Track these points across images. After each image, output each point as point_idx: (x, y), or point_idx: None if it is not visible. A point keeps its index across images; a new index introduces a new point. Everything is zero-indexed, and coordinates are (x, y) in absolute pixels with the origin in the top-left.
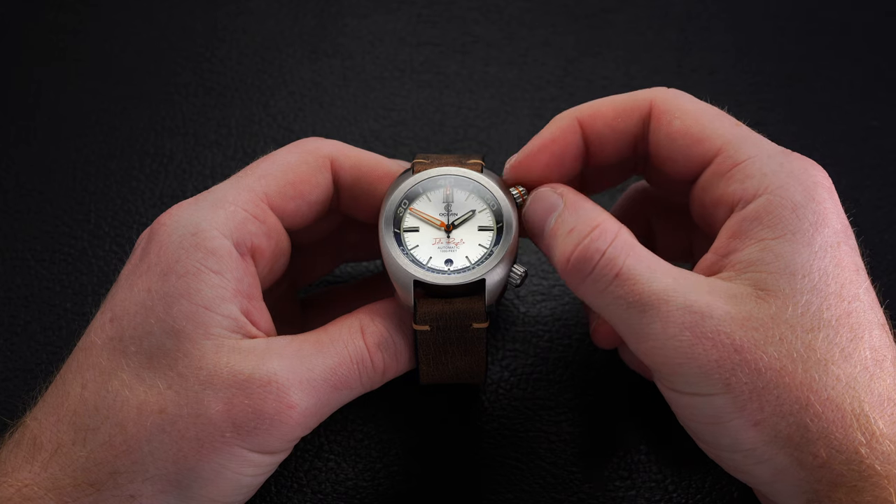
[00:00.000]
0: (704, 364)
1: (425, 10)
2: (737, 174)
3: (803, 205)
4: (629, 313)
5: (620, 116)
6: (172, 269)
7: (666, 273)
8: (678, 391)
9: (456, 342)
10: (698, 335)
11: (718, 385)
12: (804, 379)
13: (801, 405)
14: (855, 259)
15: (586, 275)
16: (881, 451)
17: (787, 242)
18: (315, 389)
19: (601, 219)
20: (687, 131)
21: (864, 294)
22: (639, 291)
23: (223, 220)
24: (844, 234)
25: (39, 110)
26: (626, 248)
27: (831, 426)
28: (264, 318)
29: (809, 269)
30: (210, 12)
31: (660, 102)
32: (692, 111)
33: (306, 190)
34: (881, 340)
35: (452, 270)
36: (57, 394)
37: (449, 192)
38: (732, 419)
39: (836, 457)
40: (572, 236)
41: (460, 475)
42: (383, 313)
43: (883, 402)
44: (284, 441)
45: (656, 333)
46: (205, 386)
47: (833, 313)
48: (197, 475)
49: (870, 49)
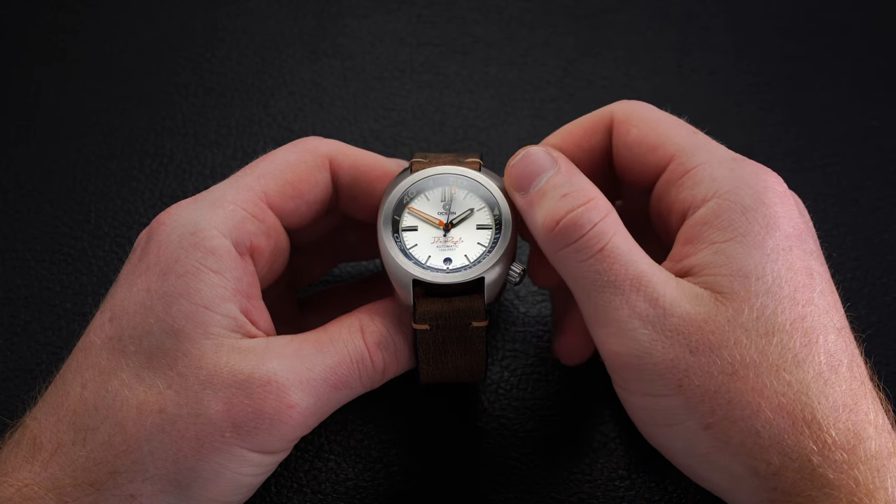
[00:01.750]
0: (659, 362)
1: (425, 10)
2: (687, 181)
3: (753, 208)
4: (600, 293)
5: (587, 135)
6: (172, 268)
7: (643, 260)
8: (631, 391)
9: (456, 341)
10: (658, 331)
11: (671, 386)
12: (756, 384)
13: (753, 411)
14: (807, 263)
15: (570, 242)
16: (833, 459)
17: (738, 245)
18: (315, 389)
19: (595, 194)
20: (643, 140)
21: (818, 298)
22: (615, 271)
23: (222, 219)
24: (797, 238)
25: (39, 110)
26: (615, 225)
27: (783, 433)
28: (264, 318)
29: (763, 271)
30: (210, 12)
31: (619, 114)
32: (649, 120)
33: (305, 189)
34: (836, 345)
35: (451, 269)
36: (57, 394)
37: (447, 190)
38: (684, 421)
39: (790, 465)
40: (566, 201)
41: (460, 475)
42: (383, 312)
43: (837, 408)
44: (284, 441)
45: (621, 320)
46: (204, 385)
47: (787, 317)
48: (197, 475)
49: (870, 49)
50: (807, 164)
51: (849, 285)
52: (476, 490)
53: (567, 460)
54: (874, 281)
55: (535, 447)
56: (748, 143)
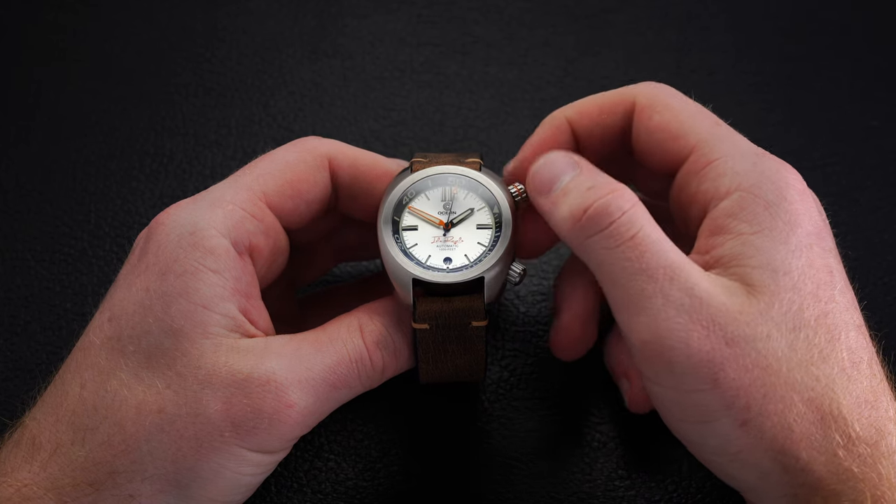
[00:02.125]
0: (695, 353)
1: (425, 10)
2: (709, 172)
3: (776, 204)
4: (632, 280)
5: (605, 112)
6: (171, 268)
7: (673, 250)
8: (663, 385)
9: (455, 340)
10: (694, 321)
11: (707, 380)
12: (788, 378)
13: (786, 405)
14: (827, 261)
15: (600, 229)
16: (858, 453)
17: (765, 238)
18: (314, 388)
19: (621, 185)
20: (665, 127)
21: (839, 296)
22: (647, 260)
23: (221, 219)
24: (816, 237)
25: (39, 110)
26: (645, 215)
27: (812, 427)
28: (263, 318)
29: (789, 266)
30: (210, 12)
31: (643, 98)
32: (672, 107)
33: (304, 189)
34: (857, 342)
35: (451, 269)
36: (56, 394)
37: (447, 190)
38: (720, 418)
39: (817, 458)
40: (592, 192)
41: (460, 475)
42: (382, 312)
43: (860, 404)
44: (283, 440)
45: (655, 308)
46: (203, 385)
47: (811, 313)
48: (196, 475)
49: (870, 49)
50: (807, 164)
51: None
52: (476, 490)
53: (567, 460)
54: (874, 281)
55: (535, 447)
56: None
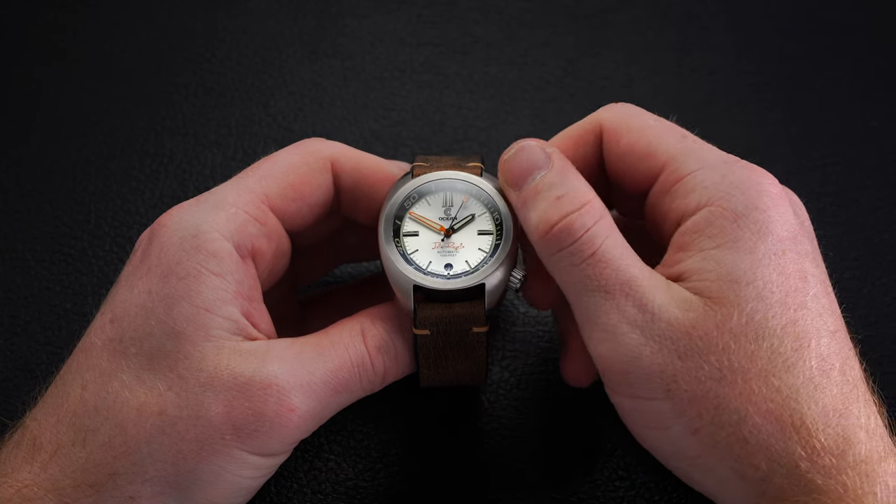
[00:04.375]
0: (647, 367)
1: (425, 10)
2: (680, 189)
3: (745, 214)
4: (592, 297)
5: (578, 145)
6: (173, 270)
7: (634, 264)
8: (622, 394)
9: (456, 346)
10: (647, 336)
11: (660, 391)
12: (744, 390)
13: (740, 416)
14: (801, 266)
15: (564, 247)
16: (822, 464)
17: (727, 251)
18: (315, 392)
19: (591, 196)
20: (633, 149)
21: (811, 301)
22: (606, 276)
23: (224, 221)
24: (791, 241)
25: (39, 110)
26: (608, 229)
27: (771, 439)
28: (265, 321)
29: (752, 276)
30: (210, 12)
31: (607, 122)
32: (637, 127)
33: (307, 192)
34: (830, 348)
35: (452, 275)
36: (57, 395)
37: (448, 195)
38: (673, 425)
39: (777, 470)
40: (561, 204)
41: (460, 475)
42: (384, 317)
43: (827, 413)
44: (284, 444)
45: (610, 324)
46: (205, 388)
47: (778, 322)
48: (196, 477)
49: (870, 49)
50: (807, 164)
51: (848, 285)
52: (476, 490)
53: (567, 460)
54: (874, 281)
55: (535, 447)
56: (749, 142)
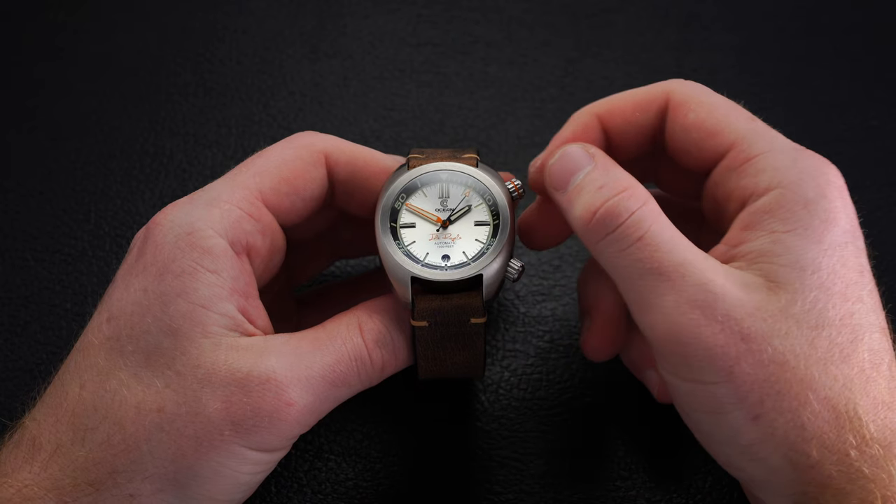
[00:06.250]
0: (710, 347)
1: (425, 10)
2: (749, 169)
3: (815, 201)
4: (644, 280)
5: (638, 110)
6: (168, 268)
7: (687, 248)
8: (679, 377)
9: (454, 338)
10: (708, 316)
11: (722, 373)
12: (805, 376)
13: (801, 402)
14: (860, 260)
15: (609, 232)
16: (870, 454)
17: (797, 237)
18: (313, 387)
19: (632, 183)
20: (701, 124)
21: (867, 296)
22: (658, 259)
23: (218, 218)
24: (852, 235)
25: (39, 110)
26: (654, 214)
27: (826, 426)
28: (261, 316)
29: (818, 265)
30: (210, 12)
31: (676, 95)
32: (707, 104)
33: (301, 186)
34: (880, 344)
35: (449, 266)
36: (55, 394)
37: (445, 187)
38: (732, 410)
39: (828, 457)
40: (602, 192)
41: (461, 475)
42: (381, 310)
43: (876, 405)
44: (283, 439)
45: (667, 306)
46: (203, 384)
47: (837, 313)
48: (195, 473)
49: (870, 49)
50: None
51: None
52: (476, 490)
53: (567, 460)
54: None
55: (535, 447)
56: None
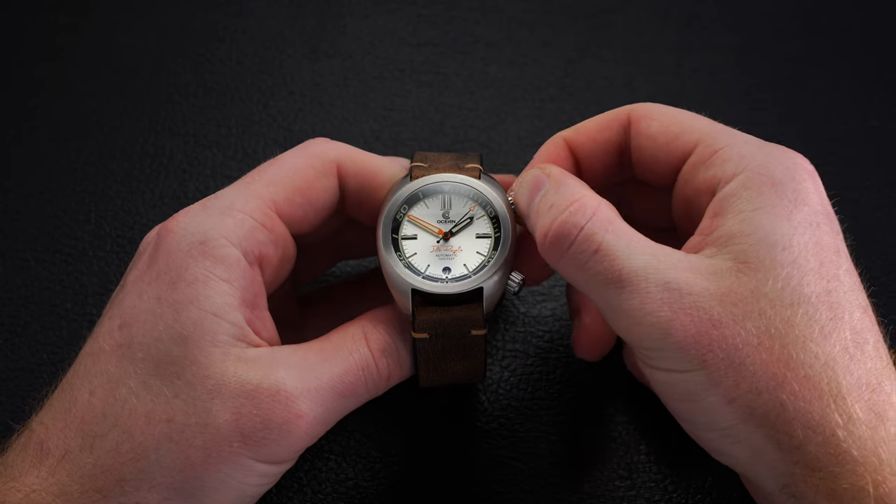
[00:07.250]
0: (682, 339)
1: (425, 10)
2: (716, 160)
3: (783, 182)
4: (607, 290)
5: (601, 129)
6: (181, 276)
7: (645, 249)
8: (656, 367)
9: (454, 349)
10: (676, 311)
11: (695, 361)
12: (781, 355)
13: (778, 382)
14: (835, 241)
15: (564, 250)
16: (858, 435)
17: (766, 214)
18: (322, 398)
19: (580, 194)
20: (665, 130)
21: (844, 275)
22: (617, 268)
23: (232, 228)
24: (825, 216)
25: (39, 110)
26: (605, 223)
27: (808, 405)
28: (267, 328)
29: (789, 242)
30: (210, 12)
31: (637, 110)
32: (668, 113)
33: (313, 196)
34: (862, 323)
35: (450, 279)
36: (64, 399)
37: (447, 198)
38: (708, 396)
39: (813, 438)
40: (552, 211)
41: (461, 475)
42: (385, 320)
43: (861, 385)
44: (291, 451)
45: (634, 310)
46: (212, 395)
47: (812, 290)
48: (203, 484)
49: (870, 49)
50: None
51: None
52: (476, 490)
53: (567, 460)
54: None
55: (535, 447)
56: None
